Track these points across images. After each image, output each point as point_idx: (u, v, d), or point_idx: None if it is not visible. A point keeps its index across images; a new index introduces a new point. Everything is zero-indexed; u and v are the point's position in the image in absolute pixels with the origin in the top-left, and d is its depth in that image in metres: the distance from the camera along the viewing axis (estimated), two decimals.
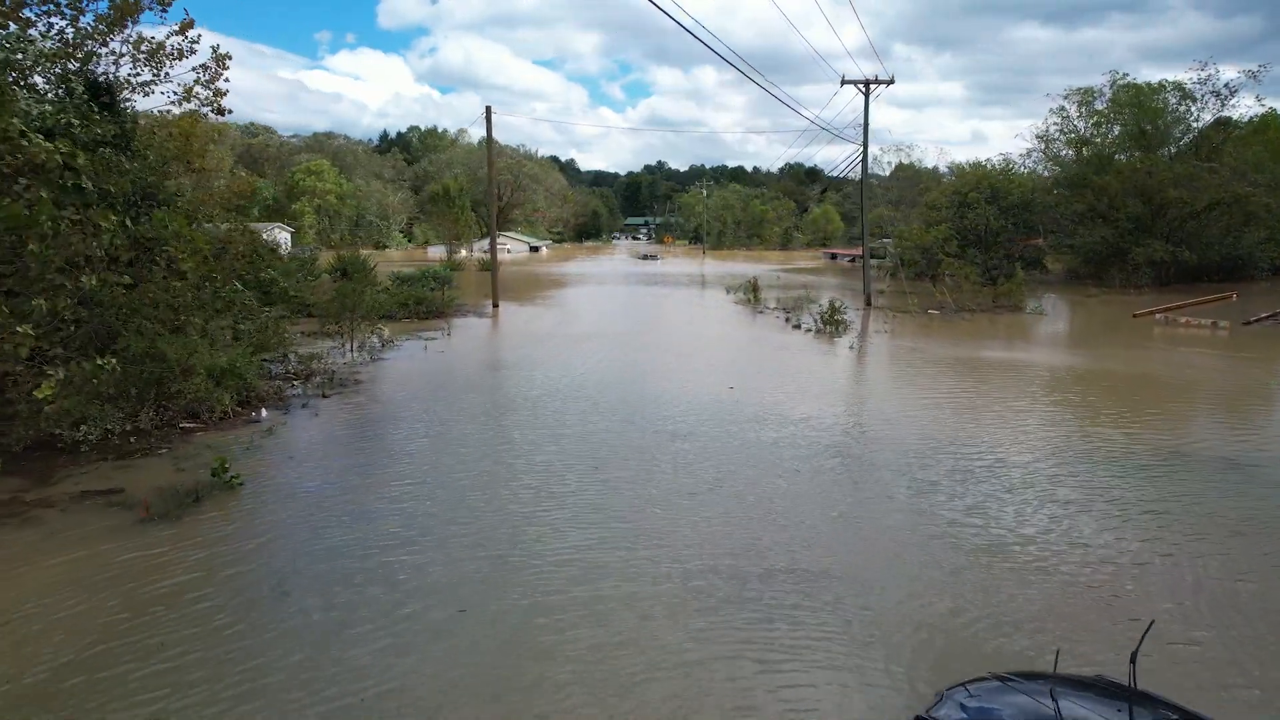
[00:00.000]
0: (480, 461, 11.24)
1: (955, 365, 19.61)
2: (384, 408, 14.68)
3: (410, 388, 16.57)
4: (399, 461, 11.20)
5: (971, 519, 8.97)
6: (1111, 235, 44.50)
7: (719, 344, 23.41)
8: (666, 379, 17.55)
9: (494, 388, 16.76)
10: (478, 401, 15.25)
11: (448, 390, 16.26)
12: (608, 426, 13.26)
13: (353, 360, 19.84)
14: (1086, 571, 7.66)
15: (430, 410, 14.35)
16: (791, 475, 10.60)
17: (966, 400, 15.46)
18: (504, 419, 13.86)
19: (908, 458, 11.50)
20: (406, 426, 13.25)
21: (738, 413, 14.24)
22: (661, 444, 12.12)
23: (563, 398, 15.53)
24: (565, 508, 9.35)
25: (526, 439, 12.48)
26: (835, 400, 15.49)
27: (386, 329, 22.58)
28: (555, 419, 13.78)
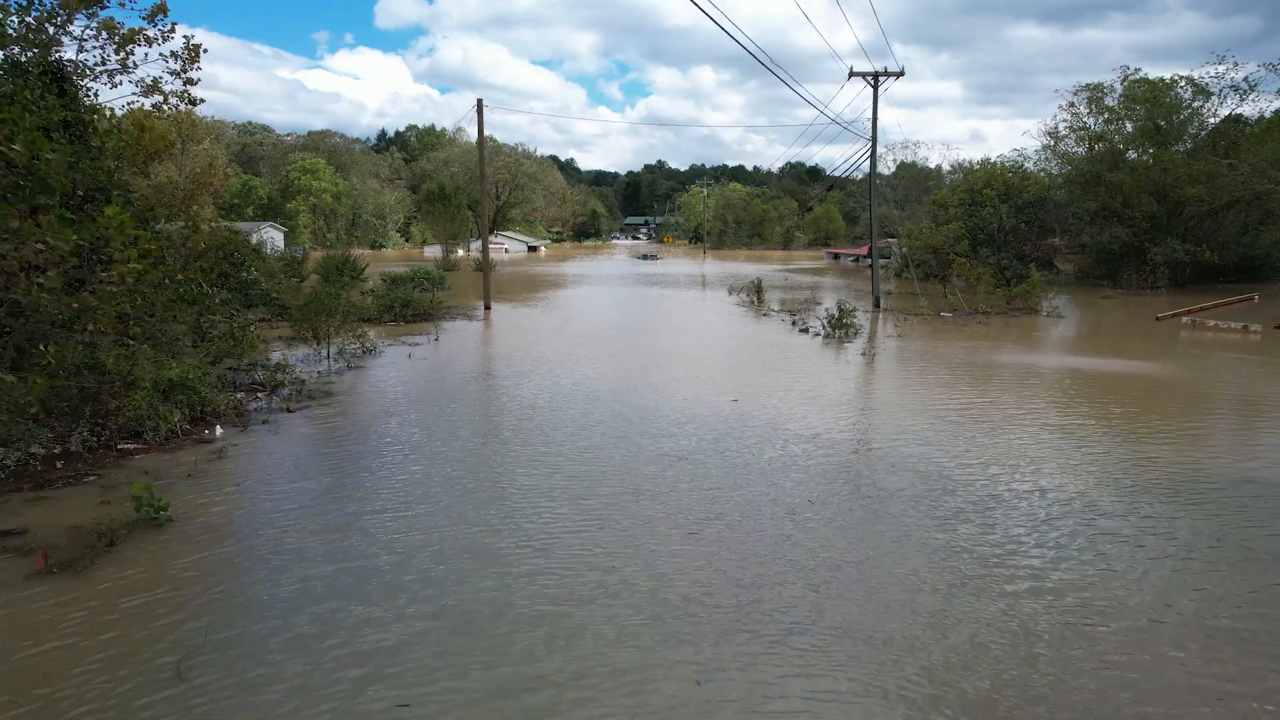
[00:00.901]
0: (449, 493, 9.87)
1: (976, 373, 18.22)
2: (352, 424, 13.31)
3: (386, 400, 15.20)
4: (356, 492, 9.82)
5: (1008, 560, 7.60)
6: (1126, 234, 43.11)
7: (721, 350, 22.05)
8: (664, 390, 16.18)
9: (477, 400, 15.39)
10: (457, 417, 13.87)
11: (426, 404, 14.88)
12: (599, 445, 11.89)
13: (329, 369, 18.48)
14: (1153, 639, 6.29)
15: (403, 428, 12.98)
16: (801, 509, 9.22)
17: (991, 413, 14.08)
18: (485, 438, 12.49)
19: (929, 481, 10.13)
20: (374, 447, 11.87)
21: (742, 429, 12.87)
22: (657, 468, 10.75)
23: (551, 412, 14.16)
24: (542, 553, 7.97)
25: (507, 462, 11.10)
26: (847, 414, 14.11)
27: (369, 333, 21.20)
28: (541, 437, 12.40)
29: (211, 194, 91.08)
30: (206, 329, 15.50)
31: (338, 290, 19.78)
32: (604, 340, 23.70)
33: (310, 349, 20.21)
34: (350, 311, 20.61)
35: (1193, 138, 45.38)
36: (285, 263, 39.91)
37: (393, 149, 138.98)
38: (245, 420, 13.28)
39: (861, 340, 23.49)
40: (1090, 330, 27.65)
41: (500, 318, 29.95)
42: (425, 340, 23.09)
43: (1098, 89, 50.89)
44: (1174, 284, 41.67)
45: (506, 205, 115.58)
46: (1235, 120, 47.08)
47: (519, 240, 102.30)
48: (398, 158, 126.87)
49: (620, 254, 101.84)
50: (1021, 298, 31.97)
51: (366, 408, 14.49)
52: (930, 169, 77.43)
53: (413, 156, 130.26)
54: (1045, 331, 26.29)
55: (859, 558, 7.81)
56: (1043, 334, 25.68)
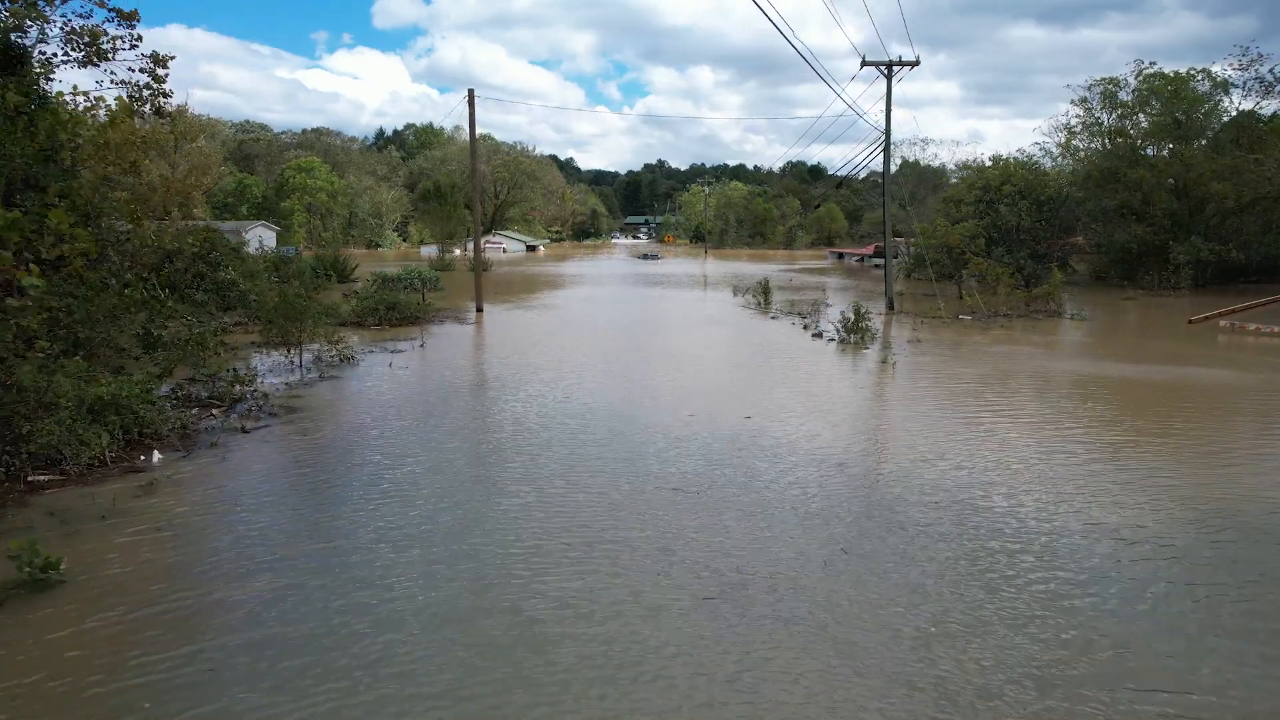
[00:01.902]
0: (412, 539, 8.22)
1: (1010, 384, 16.57)
2: (312, 448, 11.66)
3: (355, 418, 13.54)
4: (299, 540, 8.16)
5: (1070, 630, 5.95)
6: (1145, 233, 41.46)
7: (729, 357, 20.40)
8: (668, 404, 14.53)
9: (459, 418, 13.73)
10: (434, 440, 12.22)
11: (399, 422, 13.23)
12: (593, 472, 10.24)
13: (301, 378, 16.83)
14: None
15: (368, 453, 11.33)
16: (832, 562, 7.58)
17: (1035, 431, 12.43)
18: (463, 464, 10.84)
19: (975, 517, 8.47)
20: (331, 478, 10.22)
21: (756, 453, 11.22)
22: (658, 503, 9.10)
23: (542, 432, 12.51)
24: (524, 628, 6.33)
25: (486, 496, 9.46)
26: (872, 434, 12.46)
27: (347, 339, 19.53)
28: (529, 464, 10.76)
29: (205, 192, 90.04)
30: (157, 336, 13.84)
31: (309, 292, 18.11)
32: (602, 345, 22.06)
33: (283, 357, 18.57)
34: (324, 315, 18.93)
35: (1216, 133, 43.69)
36: (271, 263, 38.28)
37: (390, 148, 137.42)
38: (191, 443, 11.62)
39: (879, 346, 21.84)
40: (1120, 334, 25.99)
41: (493, 321, 28.31)
42: (409, 346, 21.44)
43: (1112, 83, 49.29)
44: (1194, 285, 40.02)
45: (505, 204, 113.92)
46: (1249, 115, 45.43)
47: (517, 240, 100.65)
48: (395, 156, 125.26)
49: (620, 254, 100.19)
50: (1043, 299, 30.32)
51: (332, 427, 12.83)
52: (935, 167, 75.88)
53: (410, 155, 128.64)
54: (1073, 335, 24.64)
55: (899, 630, 6.16)
56: (1071, 338, 24.03)
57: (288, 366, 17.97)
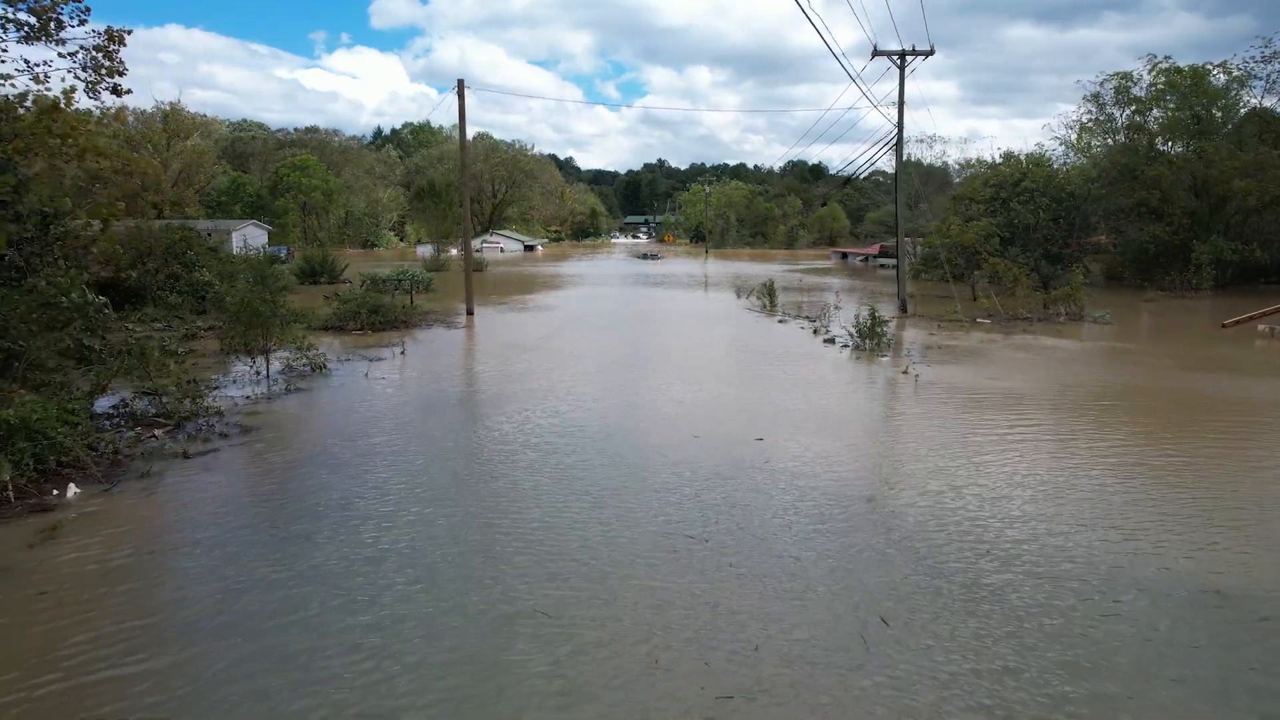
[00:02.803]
0: (366, 604, 6.70)
1: (1047, 398, 15.02)
2: (258, 480, 10.12)
3: (317, 439, 12.00)
4: (214, 618, 6.63)
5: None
6: (1164, 232, 39.89)
7: (737, 365, 18.85)
8: (671, 421, 12.99)
9: (435, 440, 12.19)
10: (401, 469, 10.68)
11: (366, 444, 11.69)
12: (587, 518, 8.71)
13: (266, 391, 15.30)
14: None
15: (320, 489, 9.78)
16: (873, 629, 6.05)
17: (1083, 458, 10.89)
18: (434, 505, 9.30)
19: (1032, 561, 6.94)
20: (272, 523, 8.69)
21: (773, 486, 9.68)
22: (663, 563, 7.57)
23: (532, 461, 10.97)
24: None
25: (457, 552, 7.93)
26: (903, 463, 10.93)
27: (319, 346, 17.97)
28: (513, 505, 9.22)
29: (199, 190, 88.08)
30: (91, 348, 12.31)
31: (272, 294, 16.56)
32: (599, 352, 20.52)
33: (248, 366, 17.03)
34: (292, 319, 17.35)
35: (1238, 128, 42.10)
36: (254, 263, 36.72)
37: (388, 146, 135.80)
38: (119, 472, 10.09)
39: (895, 353, 20.29)
40: (1150, 339, 24.43)
41: (484, 324, 26.77)
42: (391, 354, 19.89)
43: (1125, 78, 47.79)
44: (1215, 285, 38.48)
45: (503, 203, 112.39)
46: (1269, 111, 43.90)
47: (515, 239, 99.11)
48: (393, 155, 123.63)
49: (620, 253, 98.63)
50: (1063, 301, 28.75)
51: (287, 453, 11.28)
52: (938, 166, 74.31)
53: (408, 154, 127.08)
54: (1101, 340, 23.08)
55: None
56: (1100, 344, 22.47)
57: (253, 377, 16.44)
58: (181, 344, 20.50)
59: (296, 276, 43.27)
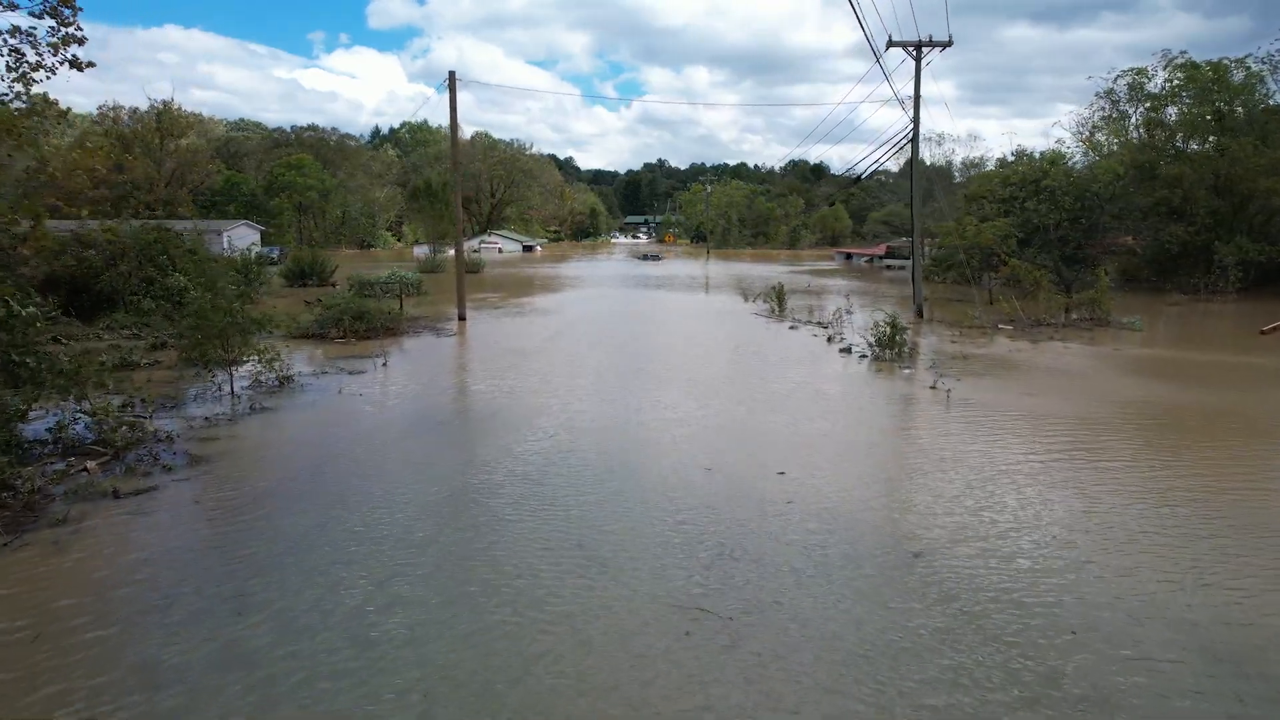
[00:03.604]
0: (287, 694, 5.18)
1: (1100, 419, 13.49)
2: (196, 525, 8.60)
3: (273, 472, 10.48)
4: (96, 712, 5.11)
5: None
6: (1185, 232, 38.38)
7: (749, 380, 17.32)
8: (679, 448, 11.48)
9: (409, 479, 10.67)
10: (367, 515, 9.15)
11: (327, 478, 10.17)
12: (564, 586, 7.20)
13: (229, 410, 13.79)
14: None
15: (272, 536, 8.26)
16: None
17: (1156, 495, 9.37)
18: (395, 566, 7.77)
19: (1150, 662, 5.43)
20: (202, 581, 7.17)
21: (801, 540, 8.17)
22: (674, 642, 6.06)
23: (518, 502, 9.45)
24: None
25: (422, 634, 6.42)
26: (948, 503, 9.40)
27: (282, 357, 16.42)
28: (491, 566, 7.71)
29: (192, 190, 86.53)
30: (21, 363, 10.78)
31: (230, 304, 15.02)
32: (598, 363, 19.01)
33: (210, 382, 15.52)
34: (256, 328, 15.79)
35: (1262, 125, 40.57)
36: (239, 264, 35.18)
37: (386, 146, 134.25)
38: (31, 517, 8.57)
39: (919, 362, 18.77)
40: (1190, 346, 22.85)
41: (476, 331, 25.26)
42: (372, 366, 18.35)
43: (1140, 73, 46.37)
44: (1239, 287, 36.98)
45: (502, 203, 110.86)
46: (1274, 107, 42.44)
47: (513, 239, 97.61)
48: (391, 154, 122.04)
49: (620, 254, 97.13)
50: (1088, 305, 27.25)
51: (238, 488, 9.75)
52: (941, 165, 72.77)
53: (407, 153, 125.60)
54: (1137, 348, 21.54)
55: None
56: (1138, 352, 20.93)
57: (214, 394, 14.93)
58: (147, 355, 19.10)
59: (285, 278, 41.82)
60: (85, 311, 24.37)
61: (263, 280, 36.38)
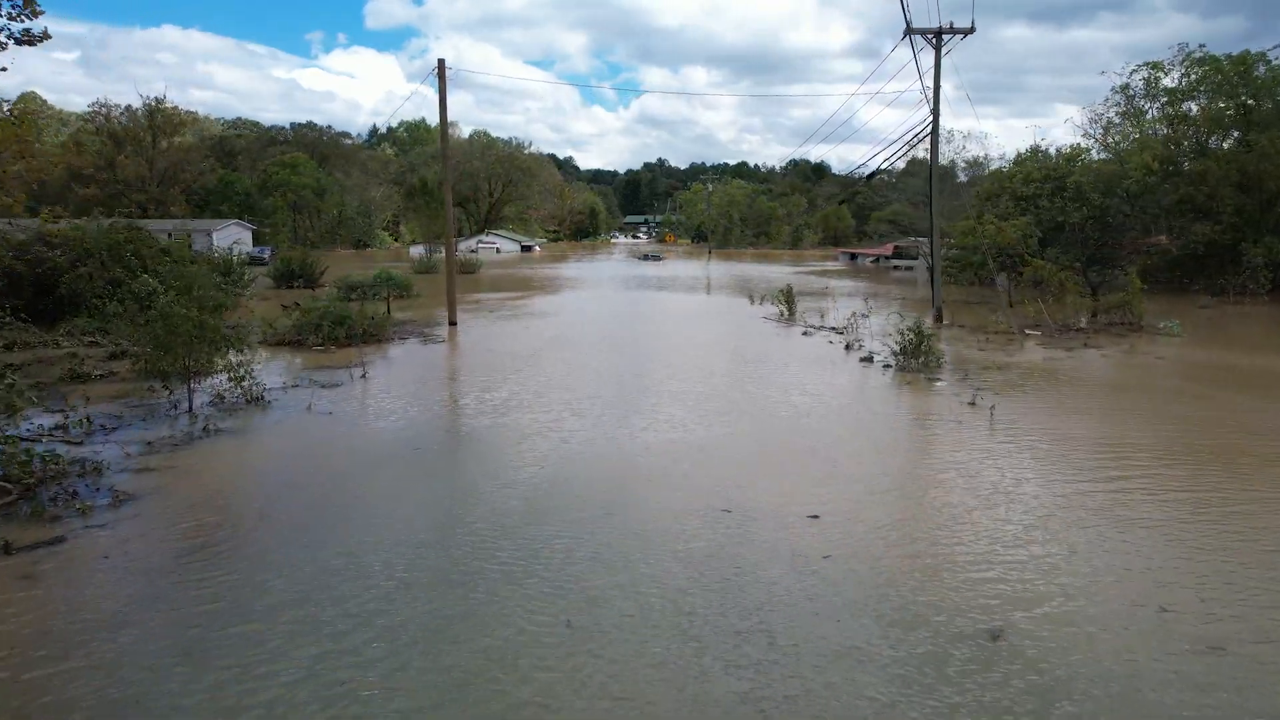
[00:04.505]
0: None
1: (1175, 444, 11.87)
2: (99, 592, 6.97)
3: (212, 515, 8.83)
4: None
5: None
6: (1211, 231, 36.75)
7: (764, 394, 15.67)
8: (689, 481, 9.85)
9: (372, 522, 9.04)
10: (313, 576, 7.52)
11: (271, 532, 8.53)
12: (567, 688, 5.58)
13: (185, 430, 12.17)
14: None
15: (181, 621, 6.64)
16: None
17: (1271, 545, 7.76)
18: (339, 646, 6.15)
19: None
20: (99, 674, 5.55)
21: (843, 609, 6.54)
22: None
23: (498, 559, 7.83)
24: None
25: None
26: (1020, 559, 7.78)
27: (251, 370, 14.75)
28: (456, 661, 6.10)
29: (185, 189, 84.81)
30: None
31: (192, 313, 13.41)
32: (597, 375, 17.38)
33: (164, 398, 13.89)
34: (219, 339, 14.15)
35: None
36: (221, 266, 33.55)
37: (384, 144, 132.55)
38: None
39: (949, 374, 17.12)
40: (1242, 353, 21.13)
41: (467, 338, 23.64)
42: (349, 378, 16.72)
43: (1156, 67, 44.82)
44: (1271, 288, 35.37)
45: (500, 202, 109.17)
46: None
47: (512, 239, 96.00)
48: (388, 153, 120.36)
49: (620, 254, 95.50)
50: (1119, 309, 25.63)
51: (164, 538, 8.12)
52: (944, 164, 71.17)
53: (404, 151, 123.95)
54: (1186, 355, 19.88)
55: None
56: (1188, 358, 19.28)
57: (169, 413, 13.31)
58: (104, 364, 17.50)
59: (273, 279, 40.22)
60: (47, 316, 22.76)
61: (247, 281, 34.81)
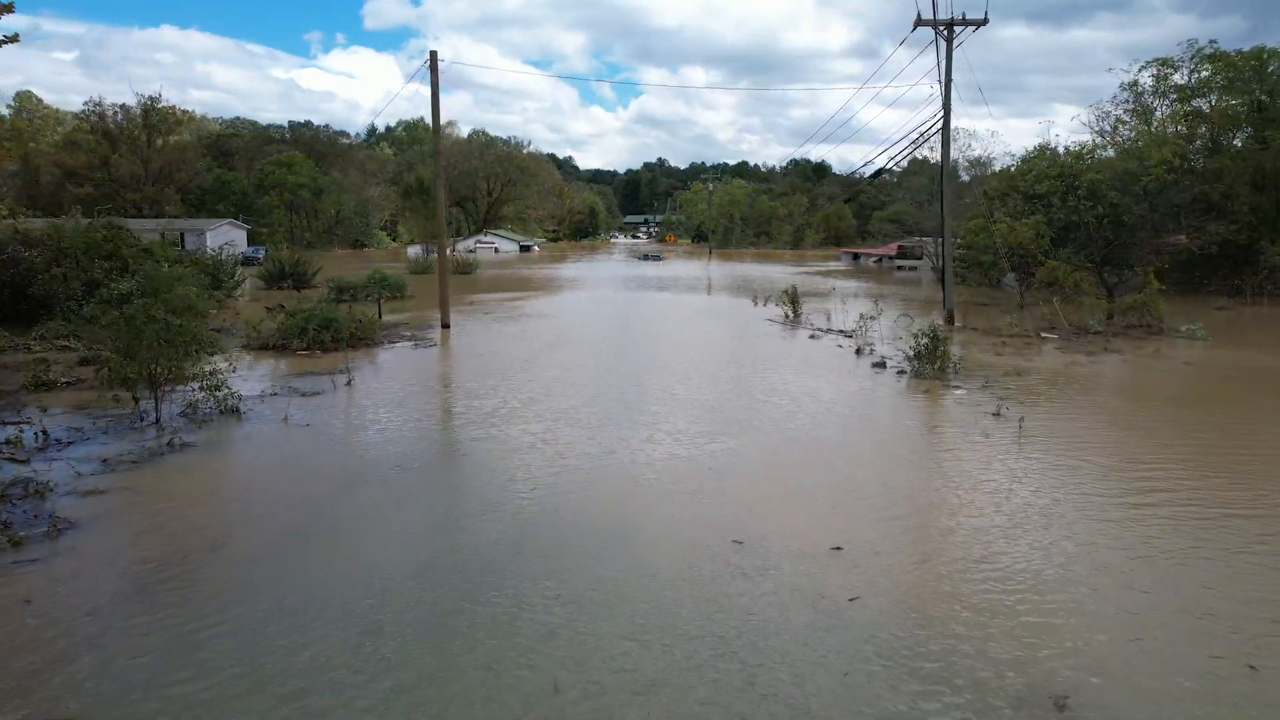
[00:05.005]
0: None
1: (1234, 465, 10.94)
2: (11, 647, 6.02)
3: (158, 546, 7.88)
4: None
5: None
6: (1228, 230, 35.78)
7: (774, 404, 14.71)
8: (700, 508, 8.90)
9: (333, 562, 8.09)
10: (254, 630, 6.57)
11: (223, 569, 7.59)
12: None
13: (150, 444, 11.22)
14: None
15: (130, 656, 5.69)
16: None
17: None
18: (301, 700, 5.20)
19: None
20: None
21: (880, 674, 5.60)
22: None
23: (474, 615, 6.89)
24: None
25: None
26: (1074, 600, 6.84)
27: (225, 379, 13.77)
28: (428, 703, 5.15)
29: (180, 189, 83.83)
30: None
31: (159, 314, 12.45)
32: (596, 382, 16.43)
33: (129, 409, 12.93)
34: (189, 343, 13.16)
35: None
36: (210, 266, 32.60)
37: (383, 144, 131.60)
38: None
39: (967, 380, 16.16)
40: (1271, 354, 20.16)
41: (460, 341, 22.68)
42: (331, 386, 15.75)
43: (1166, 64, 43.93)
44: None
45: (499, 201, 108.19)
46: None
47: (510, 239, 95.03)
48: (387, 152, 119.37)
49: (619, 254, 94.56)
50: (1137, 311, 24.69)
51: (98, 578, 7.16)
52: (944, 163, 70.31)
53: (402, 150, 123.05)
54: (1212, 360, 18.93)
55: None
56: (1223, 361, 18.32)
57: (135, 425, 12.36)
58: (73, 371, 16.55)
59: (263, 280, 39.27)
60: (22, 319, 21.83)
61: (236, 283, 33.86)
